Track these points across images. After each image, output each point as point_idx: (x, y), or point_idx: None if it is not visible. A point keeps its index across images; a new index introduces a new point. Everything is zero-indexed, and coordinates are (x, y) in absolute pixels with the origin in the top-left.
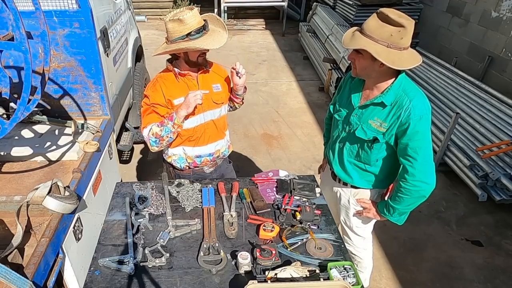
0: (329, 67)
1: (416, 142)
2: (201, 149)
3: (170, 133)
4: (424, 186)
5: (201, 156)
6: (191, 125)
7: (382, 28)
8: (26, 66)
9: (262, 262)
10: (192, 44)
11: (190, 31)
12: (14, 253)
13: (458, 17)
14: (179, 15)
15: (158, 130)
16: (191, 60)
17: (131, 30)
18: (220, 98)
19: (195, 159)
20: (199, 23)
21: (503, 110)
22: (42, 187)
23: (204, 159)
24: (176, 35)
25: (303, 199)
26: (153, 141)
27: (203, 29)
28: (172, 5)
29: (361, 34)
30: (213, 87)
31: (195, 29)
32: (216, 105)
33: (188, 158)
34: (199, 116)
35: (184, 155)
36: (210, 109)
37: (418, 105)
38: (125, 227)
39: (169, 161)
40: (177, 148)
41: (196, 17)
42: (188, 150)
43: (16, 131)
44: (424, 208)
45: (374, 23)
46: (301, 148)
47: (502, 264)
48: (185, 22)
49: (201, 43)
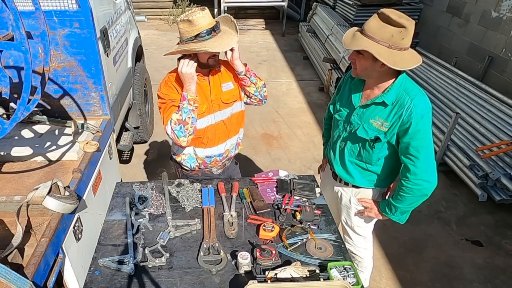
0: (329, 67)
1: (417, 140)
2: (212, 150)
3: (190, 113)
4: (426, 184)
5: (211, 156)
6: (201, 125)
7: (383, 29)
8: (26, 66)
9: (262, 262)
10: (199, 46)
11: (199, 32)
12: (14, 253)
13: (458, 17)
14: (189, 15)
15: (178, 116)
16: (201, 61)
17: (131, 30)
18: (232, 96)
19: (205, 159)
20: (209, 25)
21: (503, 110)
22: (42, 187)
23: (213, 159)
24: (186, 36)
25: (303, 199)
26: (178, 131)
27: (212, 30)
28: (172, 5)
29: (362, 34)
30: (223, 87)
31: (205, 30)
32: (226, 104)
33: (198, 158)
34: (209, 117)
35: (194, 155)
36: (220, 109)
37: (419, 104)
38: (125, 227)
39: (178, 160)
40: (188, 148)
41: (206, 18)
42: (198, 151)
43: (16, 131)
44: (424, 208)
45: (375, 24)
46: (301, 148)
47: (502, 264)
48: (195, 23)
49: (209, 45)
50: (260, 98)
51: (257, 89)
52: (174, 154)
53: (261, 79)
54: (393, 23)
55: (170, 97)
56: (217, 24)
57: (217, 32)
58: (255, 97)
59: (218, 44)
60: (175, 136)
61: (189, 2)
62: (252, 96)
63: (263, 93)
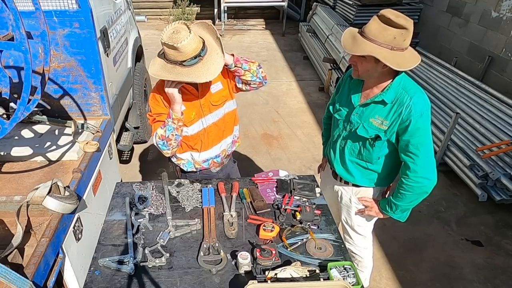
0: (329, 67)
1: (417, 138)
2: (208, 153)
3: (173, 131)
4: (426, 182)
5: (208, 159)
6: (192, 132)
7: (385, 31)
8: (26, 66)
9: (262, 262)
10: (185, 73)
11: (185, 59)
12: (14, 253)
13: (458, 17)
14: (175, 41)
15: (163, 132)
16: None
17: (131, 30)
18: (221, 97)
19: (203, 164)
20: (195, 50)
21: (503, 110)
22: (42, 187)
23: (211, 162)
24: (171, 58)
25: (303, 199)
26: (161, 145)
27: (198, 55)
28: (172, 5)
29: (363, 37)
30: (212, 88)
31: (190, 57)
32: (216, 106)
33: (196, 163)
34: (200, 122)
35: (192, 160)
36: (210, 112)
37: (418, 102)
38: (125, 227)
39: (177, 163)
40: (185, 154)
41: (191, 44)
42: (195, 156)
43: (16, 131)
44: (424, 208)
45: (376, 27)
46: (301, 148)
47: (502, 264)
48: (180, 50)
49: (195, 74)
50: (259, 80)
51: (253, 74)
52: (174, 157)
53: (254, 62)
54: (394, 24)
55: (156, 110)
56: (203, 47)
57: (203, 55)
58: (254, 82)
59: (204, 71)
60: (159, 148)
61: (189, 2)
62: (251, 82)
63: (260, 75)
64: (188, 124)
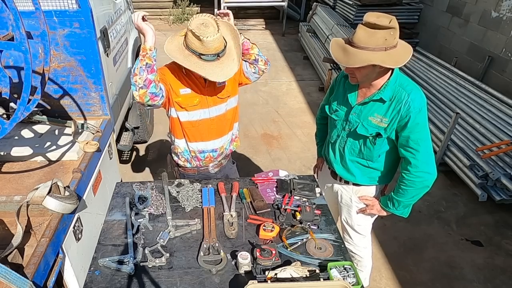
0: (329, 67)
1: (417, 134)
2: (205, 144)
3: (138, 63)
4: (427, 176)
5: (204, 151)
6: (192, 118)
7: (374, 36)
8: (26, 66)
9: (262, 262)
10: (200, 65)
11: (206, 53)
12: (14, 253)
13: (458, 17)
14: (202, 33)
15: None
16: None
17: (131, 30)
18: (226, 91)
19: (199, 154)
20: (217, 49)
21: (503, 110)
22: (42, 187)
23: (207, 155)
24: (191, 46)
25: (303, 199)
26: (132, 83)
27: (217, 55)
28: (172, 5)
29: (354, 47)
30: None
31: (210, 54)
32: (221, 99)
33: (192, 152)
34: (203, 111)
35: (187, 148)
36: (215, 104)
37: (416, 98)
38: (125, 227)
39: (176, 151)
40: (182, 141)
41: (216, 42)
42: (191, 145)
43: (16, 131)
44: (424, 208)
45: (363, 34)
46: (301, 148)
47: (502, 264)
48: (204, 43)
49: (209, 71)
50: (265, 60)
51: (259, 50)
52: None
53: None
54: (380, 27)
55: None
56: (224, 48)
57: (221, 56)
58: (261, 59)
59: (217, 72)
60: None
61: (189, 2)
62: (258, 59)
63: (263, 56)
64: (189, 109)
